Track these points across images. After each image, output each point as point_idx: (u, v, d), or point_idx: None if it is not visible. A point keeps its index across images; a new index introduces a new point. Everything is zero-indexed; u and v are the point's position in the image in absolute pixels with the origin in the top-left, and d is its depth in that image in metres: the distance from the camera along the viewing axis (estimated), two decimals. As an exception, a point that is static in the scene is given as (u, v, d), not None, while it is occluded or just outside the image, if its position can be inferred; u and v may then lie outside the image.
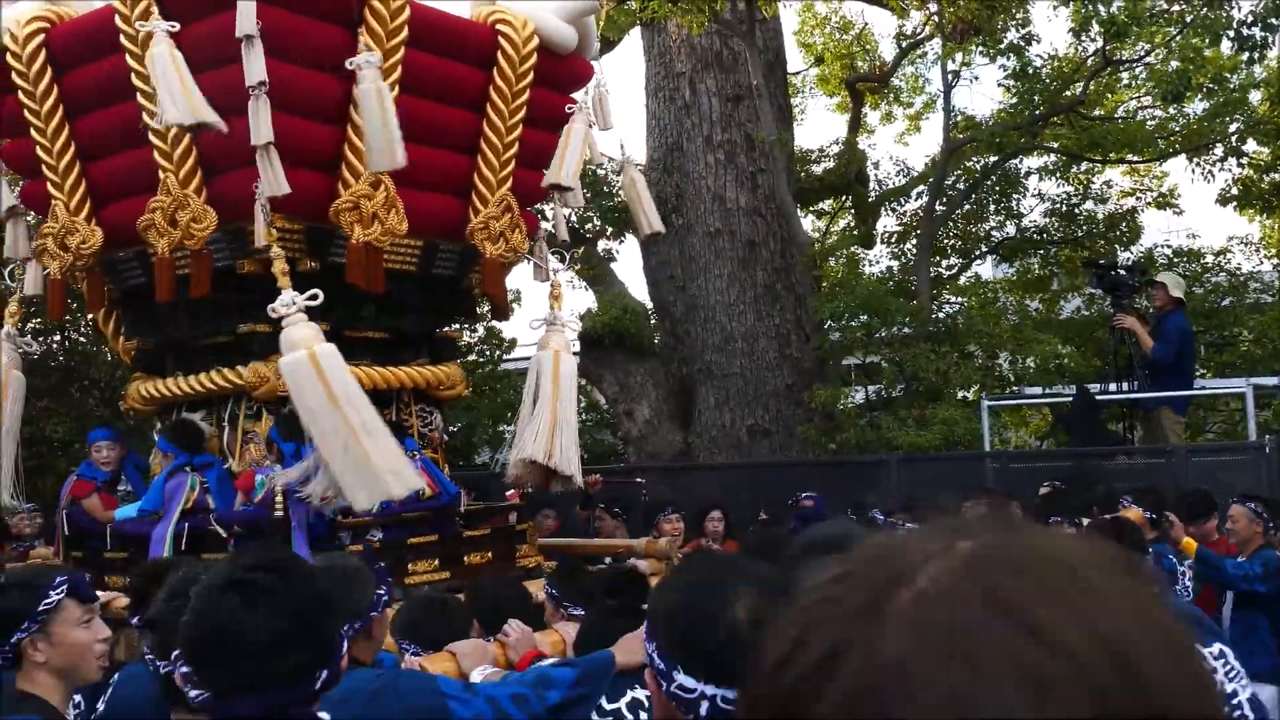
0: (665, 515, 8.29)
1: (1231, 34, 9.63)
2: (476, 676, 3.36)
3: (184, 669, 1.96)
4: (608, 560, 6.62)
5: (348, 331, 5.99)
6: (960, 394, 10.99)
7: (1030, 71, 11.67)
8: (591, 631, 3.32)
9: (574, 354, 6.99)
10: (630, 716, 2.84)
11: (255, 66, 4.82)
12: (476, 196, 6.26)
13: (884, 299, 10.85)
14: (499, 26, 6.18)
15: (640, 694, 2.85)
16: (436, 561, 5.92)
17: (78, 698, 3.17)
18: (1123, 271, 10.13)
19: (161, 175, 5.28)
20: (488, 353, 14.86)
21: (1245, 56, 10.15)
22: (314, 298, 4.96)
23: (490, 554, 6.29)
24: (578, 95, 6.73)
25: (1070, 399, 9.93)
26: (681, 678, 1.69)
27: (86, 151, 5.85)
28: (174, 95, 4.76)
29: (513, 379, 15.12)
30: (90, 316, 6.72)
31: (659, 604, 1.83)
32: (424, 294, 6.50)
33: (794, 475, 9.87)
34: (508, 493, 8.63)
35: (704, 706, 1.66)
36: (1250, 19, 9.59)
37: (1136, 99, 15.32)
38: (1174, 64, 11.42)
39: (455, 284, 6.70)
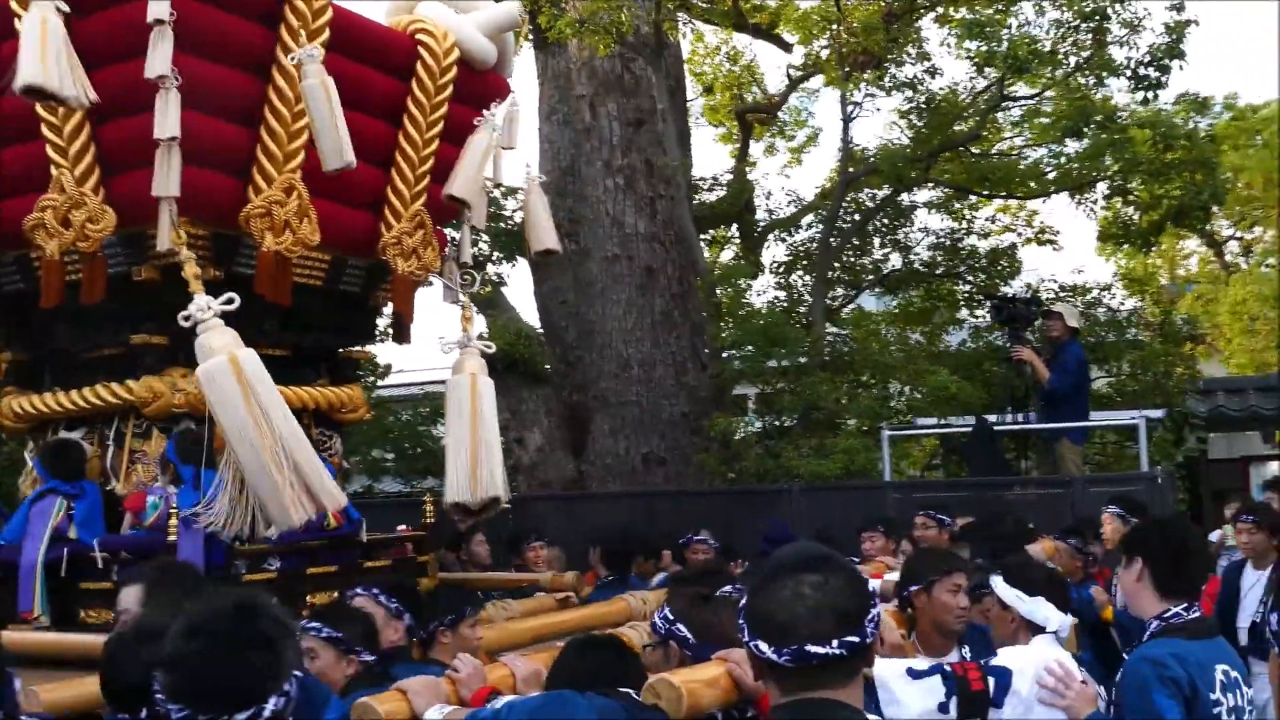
0: (529, 544, 8.06)
1: (1128, 73, 9.89)
2: (434, 718, 3.11)
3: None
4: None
5: (249, 347, 5.64)
6: (853, 423, 11.00)
7: (933, 105, 11.84)
8: (565, 667, 3.14)
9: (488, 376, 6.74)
10: None
11: (163, 56, 4.49)
12: (389, 210, 5.98)
13: (782, 328, 10.83)
14: (420, 36, 5.94)
15: None
16: (336, 594, 5.59)
17: None
18: (1020, 304, 10.27)
19: (55, 172, 4.89)
20: (364, 377, 14.43)
21: (1140, 96, 10.45)
22: (229, 301, 4.63)
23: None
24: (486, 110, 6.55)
25: (969, 429, 10.01)
26: None
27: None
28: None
29: (388, 406, 14.73)
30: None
31: None
32: (328, 311, 6.18)
33: (693, 504, 9.73)
34: (400, 526, 8.32)
35: None
36: (1147, 58, 9.89)
37: (1019, 136, 15.70)
38: (1065, 102, 11.73)
39: (361, 302, 6.40)
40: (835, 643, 2.11)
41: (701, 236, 17.39)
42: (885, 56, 11.58)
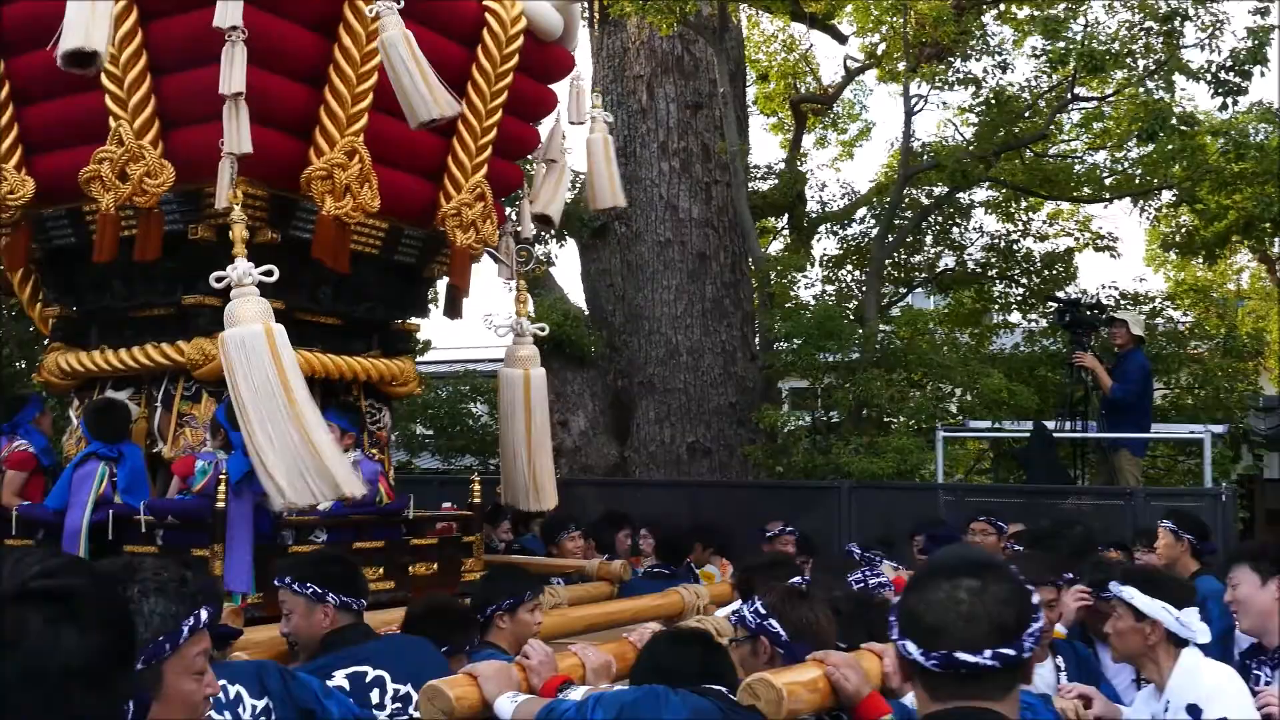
0: (568, 533, 7.89)
1: (1209, 77, 9.58)
2: (506, 705, 2.96)
3: None
4: (556, 581, 6.24)
5: (301, 314, 5.52)
6: (902, 422, 10.75)
7: (1001, 100, 11.55)
8: (652, 661, 2.98)
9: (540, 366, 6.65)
10: None
11: (235, 6, 4.34)
12: (449, 181, 5.85)
13: (837, 322, 10.59)
14: (487, 3, 5.80)
15: None
16: (381, 570, 5.46)
17: None
18: (1083, 309, 10.00)
19: (113, 124, 4.76)
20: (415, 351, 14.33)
21: (1218, 102, 10.12)
22: (269, 273, 4.50)
23: (435, 565, 5.85)
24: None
25: (1025, 434, 9.76)
26: None
27: (21, 94, 5.28)
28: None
29: (428, 382, 14.60)
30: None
31: None
32: (382, 281, 6.05)
33: (738, 497, 9.54)
34: (445, 504, 8.22)
35: None
36: (1228, 62, 9.56)
37: (1077, 139, 15.37)
38: (1133, 105, 11.40)
39: (415, 273, 6.26)
40: (988, 653, 1.98)
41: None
42: (954, 49, 11.27)
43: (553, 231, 12.52)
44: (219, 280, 4.57)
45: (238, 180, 4.78)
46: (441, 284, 6.59)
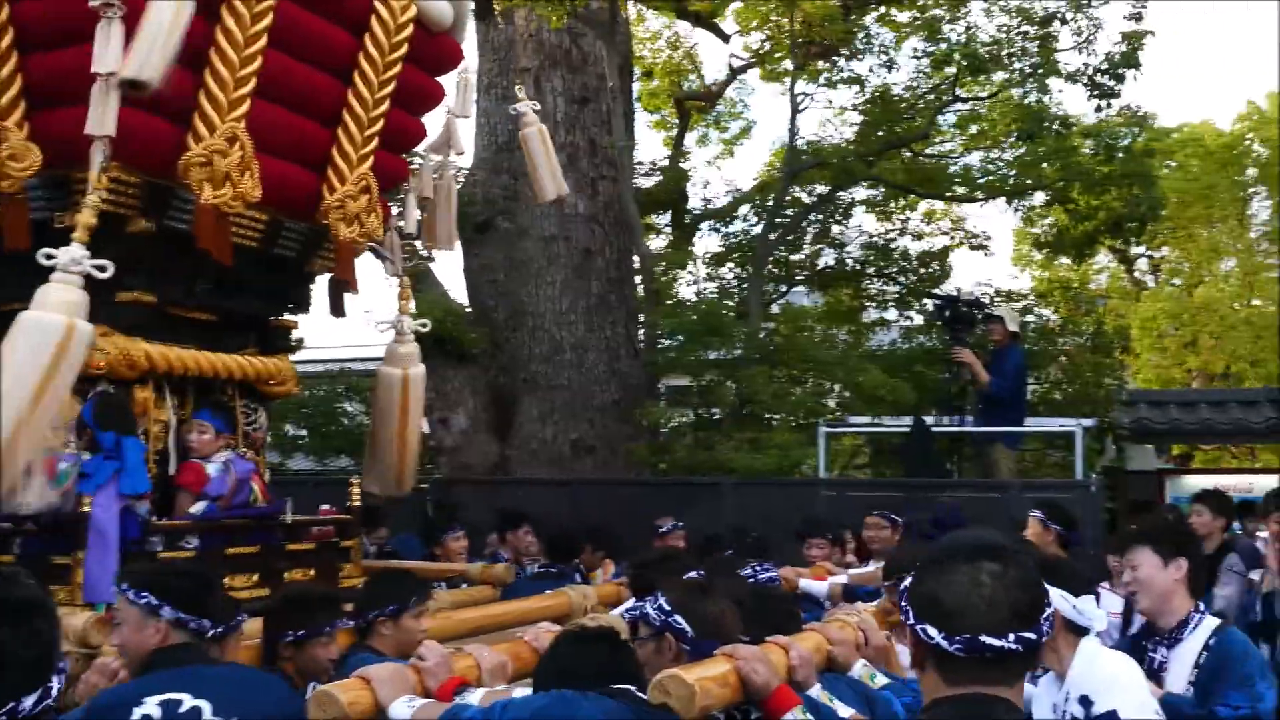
0: (453, 533, 7.77)
1: (1085, 80, 9.86)
2: (403, 710, 2.84)
3: None
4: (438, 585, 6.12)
5: (175, 309, 5.28)
6: (786, 419, 10.85)
7: (886, 100, 11.72)
8: (557, 662, 2.88)
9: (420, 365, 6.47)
10: None
11: (107, -16, 4.11)
12: (334, 172, 5.63)
13: (721, 318, 10.62)
14: (377, -10, 5.60)
15: None
16: (256, 576, 5.25)
17: None
18: (961, 305, 10.20)
19: (-27, 104, 4.47)
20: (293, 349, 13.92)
21: (1090, 104, 10.44)
22: (102, 269, 4.25)
23: (313, 570, 5.66)
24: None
25: (905, 429, 9.92)
26: None
27: None
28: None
29: (302, 382, 14.19)
30: None
31: None
32: (261, 275, 5.81)
33: (622, 494, 9.49)
34: (322, 506, 7.99)
35: None
36: (1104, 66, 9.86)
37: (951, 140, 15.71)
38: (1010, 107, 11.69)
39: (295, 268, 6.03)
40: (1011, 637, 1.97)
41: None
42: (840, 49, 11.42)
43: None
44: (48, 258, 4.25)
45: (110, 166, 4.54)
46: (323, 279, 6.37)
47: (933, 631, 1.99)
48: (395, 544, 7.77)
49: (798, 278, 15.72)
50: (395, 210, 6.64)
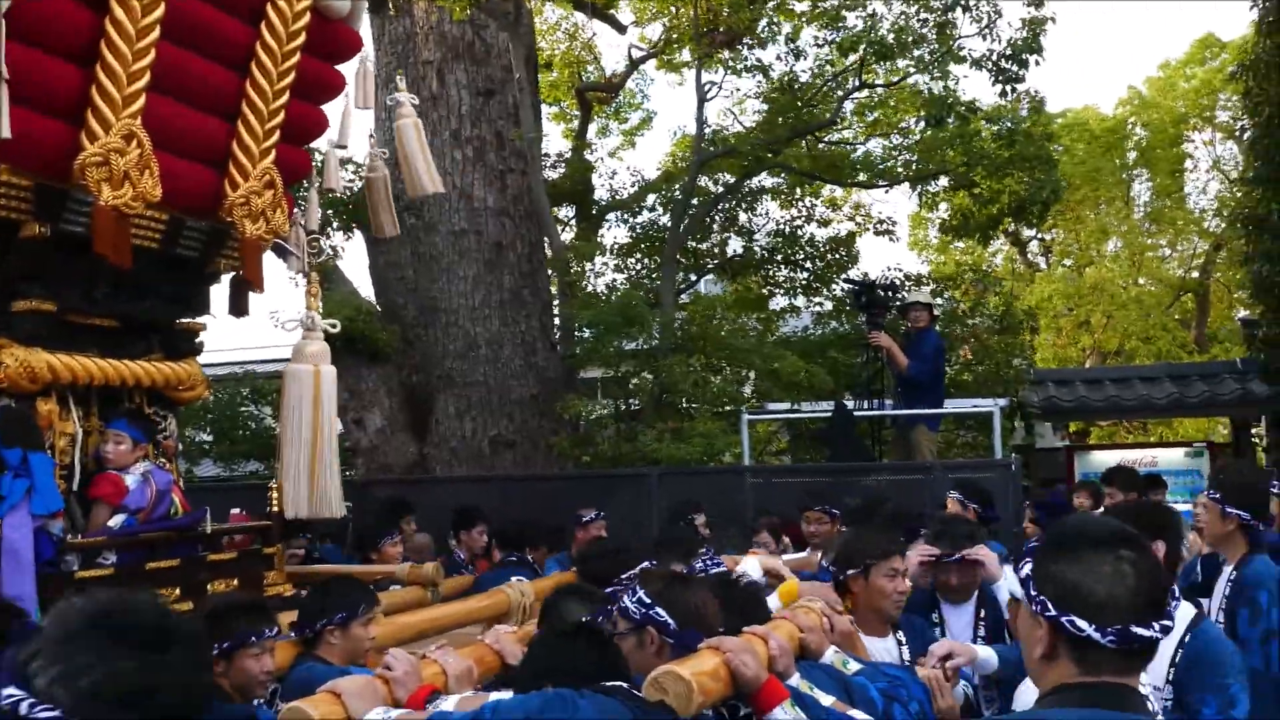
0: (390, 539, 7.57)
1: (990, 66, 9.95)
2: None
3: None
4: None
5: (74, 315, 5.04)
6: (705, 408, 10.81)
7: (795, 87, 11.73)
8: (542, 661, 2.77)
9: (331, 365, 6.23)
10: None
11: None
12: (235, 168, 5.44)
13: (639, 308, 10.53)
14: (271, -22, 5.40)
15: None
16: (178, 590, 5.05)
17: None
18: (878, 290, 10.25)
19: None
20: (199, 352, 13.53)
21: (1000, 89, 10.55)
22: None
23: (236, 580, 5.46)
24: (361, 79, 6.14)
25: (827, 414, 9.94)
26: None
27: None
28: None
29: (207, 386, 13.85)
30: None
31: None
32: (163, 277, 5.58)
33: (546, 489, 9.35)
34: (233, 511, 7.75)
35: None
36: (1008, 51, 9.96)
37: (850, 128, 15.83)
38: (914, 93, 11.78)
39: (198, 268, 5.81)
40: (1156, 626, 1.96)
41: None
42: (744, 37, 11.41)
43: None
44: None
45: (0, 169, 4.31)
46: (225, 279, 6.14)
47: (1082, 624, 1.94)
48: (320, 553, 7.55)
49: (707, 266, 15.72)
50: (297, 208, 6.43)
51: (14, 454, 4.27)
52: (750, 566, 5.96)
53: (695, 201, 13.95)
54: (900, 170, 14.27)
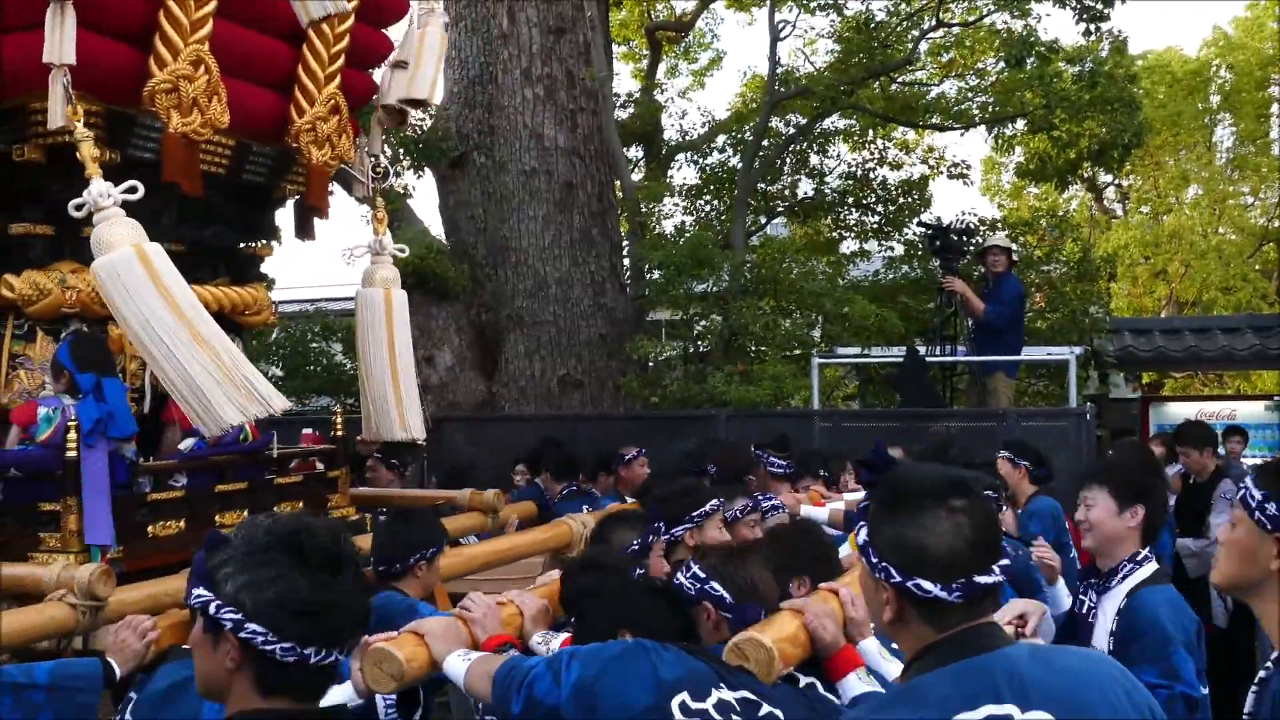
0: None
1: (1073, 3, 9.62)
2: (457, 664, 2.70)
3: None
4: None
5: (144, 240, 5.06)
6: (774, 350, 10.70)
7: (870, 26, 11.47)
8: (619, 611, 2.81)
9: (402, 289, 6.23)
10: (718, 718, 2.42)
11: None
12: (301, 93, 5.42)
13: (709, 250, 10.41)
14: (339, -104, 5.33)
15: (728, 695, 2.42)
16: (246, 513, 5.10)
17: None
18: (953, 234, 10.04)
19: (-82, 31, 4.23)
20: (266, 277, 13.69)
21: (1083, 28, 10.20)
22: (133, 189, 4.08)
23: (301, 503, 5.52)
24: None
25: (899, 360, 9.80)
26: None
27: None
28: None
29: (278, 322, 14.05)
30: None
31: None
32: (229, 203, 5.60)
33: (615, 428, 9.33)
34: (304, 431, 7.85)
35: None
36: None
37: (933, 68, 15.48)
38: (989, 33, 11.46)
39: (264, 194, 5.82)
40: (996, 570, 1.97)
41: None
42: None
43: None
44: (78, 208, 4.11)
45: (72, 95, 4.32)
46: (290, 205, 6.15)
47: (928, 585, 1.94)
48: None
49: (777, 209, 15.52)
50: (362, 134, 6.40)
51: (88, 379, 4.32)
52: (816, 514, 5.91)
53: (766, 143, 13.76)
54: (976, 113, 13.95)
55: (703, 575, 2.92)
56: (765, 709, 2.50)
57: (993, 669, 1.91)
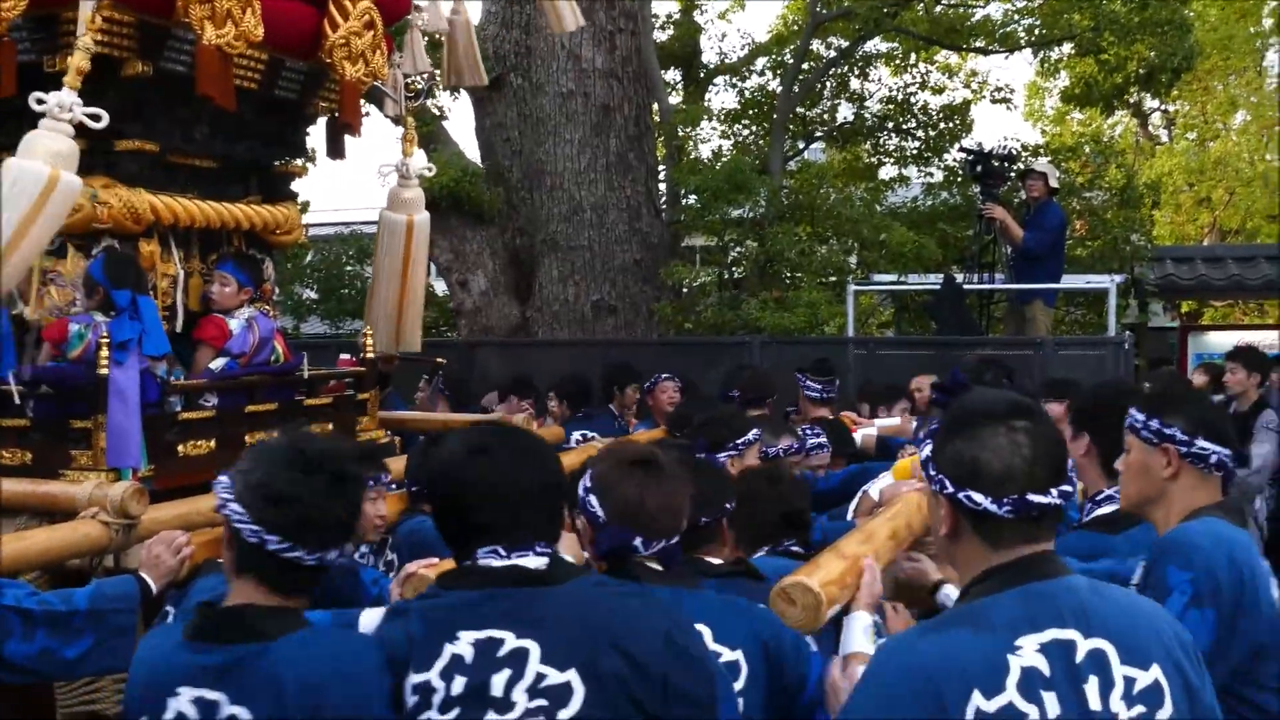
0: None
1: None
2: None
3: None
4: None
5: (175, 156, 5.00)
6: (811, 277, 10.59)
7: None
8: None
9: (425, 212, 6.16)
10: None
11: None
12: (335, 7, 5.28)
13: (747, 176, 10.25)
14: None
15: None
16: (275, 433, 5.09)
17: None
18: (994, 160, 9.85)
19: (-57, -68, 4.14)
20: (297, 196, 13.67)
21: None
22: (95, 118, 3.98)
23: (330, 425, 5.50)
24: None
25: (936, 287, 9.67)
26: None
27: None
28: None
29: (310, 244, 14.06)
30: None
31: None
32: (261, 120, 5.51)
33: (649, 354, 9.27)
34: (341, 356, 7.86)
35: None
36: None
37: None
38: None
39: (296, 110, 5.73)
40: (1054, 492, 1.99)
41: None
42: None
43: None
44: (39, 103, 3.98)
45: (103, 4, 4.23)
46: (322, 122, 6.06)
47: (979, 497, 1.98)
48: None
49: (816, 134, 15.30)
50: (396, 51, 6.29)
51: (124, 295, 4.29)
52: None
53: (806, 66, 13.50)
54: (1022, 35, 13.63)
55: (588, 485, 2.63)
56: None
57: (1056, 595, 1.96)
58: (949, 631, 1.97)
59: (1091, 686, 1.90)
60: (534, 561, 2.24)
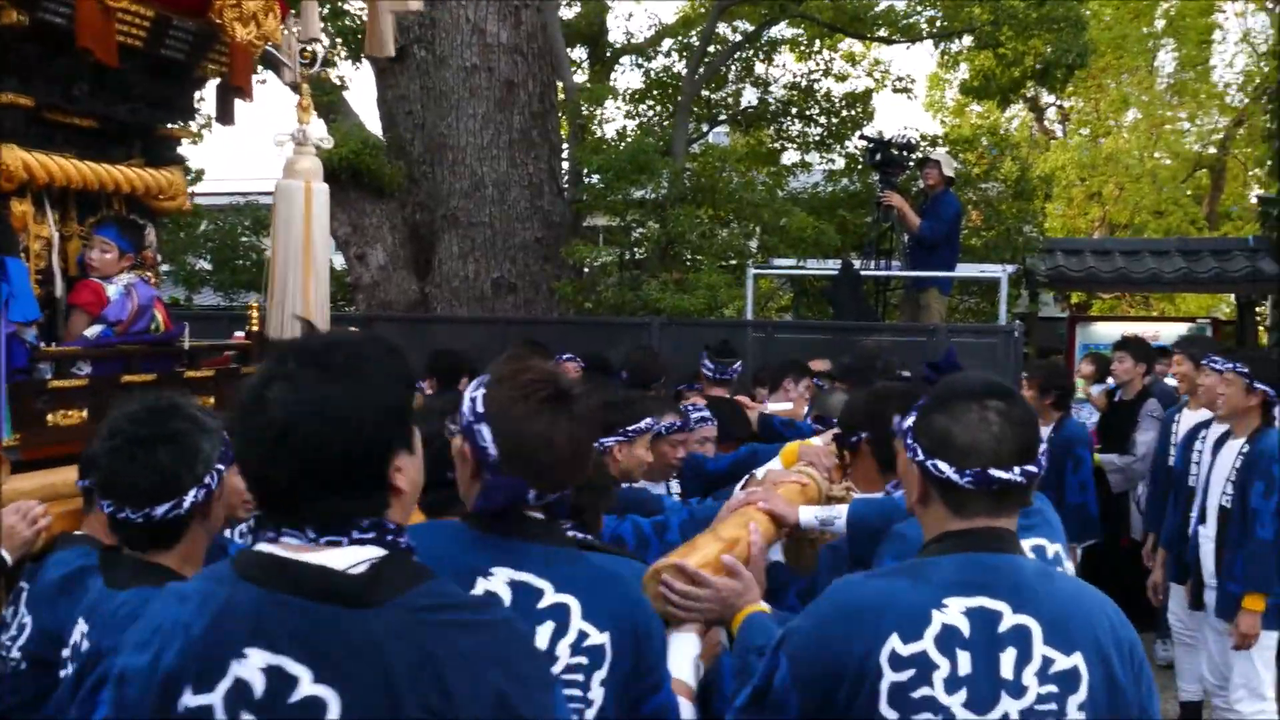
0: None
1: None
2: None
3: None
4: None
5: (52, 113, 4.79)
6: (711, 260, 10.61)
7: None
8: None
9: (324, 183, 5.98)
10: None
11: None
12: (225, -35, 5.12)
13: (650, 156, 10.21)
14: None
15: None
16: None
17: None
18: (894, 148, 9.96)
19: None
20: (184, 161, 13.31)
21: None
22: None
23: (213, 399, 5.34)
24: None
25: (832, 272, 9.76)
26: None
27: None
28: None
29: (204, 213, 13.72)
30: None
31: None
32: (146, 79, 5.30)
33: (548, 332, 9.20)
34: (236, 333, 7.65)
35: None
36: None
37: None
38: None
39: (184, 72, 5.53)
40: (1017, 470, 2.14)
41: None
42: None
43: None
44: None
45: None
46: (213, 86, 5.86)
47: (944, 466, 2.14)
48: None
49: (720, 117, 15.34)
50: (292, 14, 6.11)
51: (-8, 261, 4.10)
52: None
53: (712, 49, 13.51)
54: (924, 27, 13.80)
55: (481, 411, 2.15)
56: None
57: (998, 568, 2.12)
58: (892, 579, 2.15)
59: (1008, 656, 2.04)
60: (342, 557, 1.66)
